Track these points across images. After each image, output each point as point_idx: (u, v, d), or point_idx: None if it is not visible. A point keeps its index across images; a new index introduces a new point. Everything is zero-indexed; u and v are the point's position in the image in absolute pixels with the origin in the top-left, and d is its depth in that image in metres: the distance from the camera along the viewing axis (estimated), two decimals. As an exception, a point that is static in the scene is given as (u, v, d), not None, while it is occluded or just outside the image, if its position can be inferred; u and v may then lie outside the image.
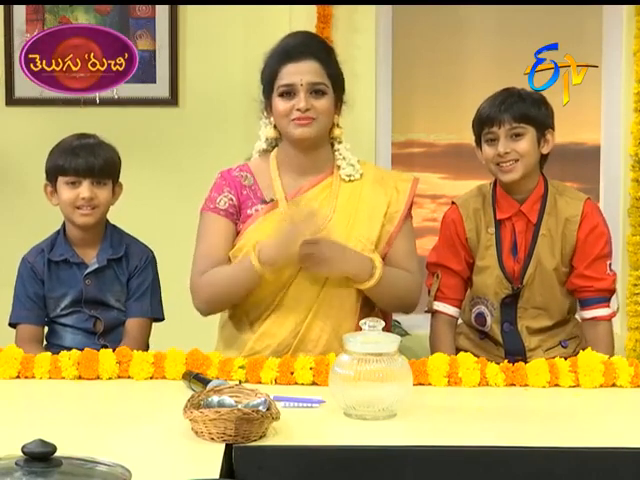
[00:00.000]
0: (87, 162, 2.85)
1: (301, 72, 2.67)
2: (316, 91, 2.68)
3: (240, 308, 2.77)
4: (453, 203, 2.97)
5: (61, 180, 2.87)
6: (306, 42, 2.74)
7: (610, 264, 2.92)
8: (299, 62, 2.68)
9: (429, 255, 3.00)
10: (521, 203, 2.88)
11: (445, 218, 2.97)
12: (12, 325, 2.92)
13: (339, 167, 2.78)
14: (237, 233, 2.75)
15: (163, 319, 2.95)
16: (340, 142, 2.79)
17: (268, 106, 2.74)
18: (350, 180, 2.77)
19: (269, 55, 2.74)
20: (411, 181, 2.82)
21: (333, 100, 2.72)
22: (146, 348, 2.83)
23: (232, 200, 2.75)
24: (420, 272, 2.82)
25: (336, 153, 2.79)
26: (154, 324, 2.95)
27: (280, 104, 2.69)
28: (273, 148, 2.82)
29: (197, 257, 2.74)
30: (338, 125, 2.78)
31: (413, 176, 2.87)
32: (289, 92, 2.68)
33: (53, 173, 2.89)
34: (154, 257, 2.96)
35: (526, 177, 2.85)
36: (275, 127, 2.76)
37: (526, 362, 2.55)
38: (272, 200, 2.74)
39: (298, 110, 2.66)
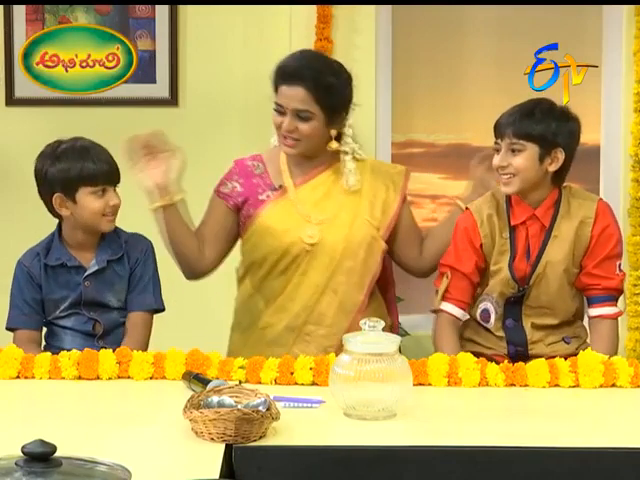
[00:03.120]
0: (105, 169, 2.83)
1: (289, 97, 2.82)
2: (300, 117, 2.81)
3: (254, 287, 2.95)
4: (467, 209, 2.97)
5: (85, 190, 2.79)
6: (299, 67, 2.85)
7: (620, 264, 2.93)
8: (289, 86, 2.82)
9: (442, 257, 3.00)
10: (535, 207, 2.88)
11: (459, 223, 2.97)
12: (9, 329, 2.89)
13: (344, 162, 2.92)
14: (248, 217, 2.91)
15: (164, 309, 2.95)
16: (346, 153, 2.92)
17: None
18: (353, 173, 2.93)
19: (276, 66, 2.87)
20: (403, 171, 3.02)
21: (322, 122, 2.84)
22: (148, 341, 2.84)
23: (236, 188, 2.94)
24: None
25: (341, 163, 2.92)
26: (155, 316, 2.92)
27: (274, 118, 2.87)
28: None
29: None
30: (335, 138, 2.89)
31: (404, 166, 3.06)
32: (281, 111, 2.83)
33: (68, 183, 2.79)
34: (152, 246, 2.94)
35: (530, 191, 2.85)
36: None
37: (528, 354, 2.54)
38: (281, 187, 2.91)
39: (284, 129, 2.84)
